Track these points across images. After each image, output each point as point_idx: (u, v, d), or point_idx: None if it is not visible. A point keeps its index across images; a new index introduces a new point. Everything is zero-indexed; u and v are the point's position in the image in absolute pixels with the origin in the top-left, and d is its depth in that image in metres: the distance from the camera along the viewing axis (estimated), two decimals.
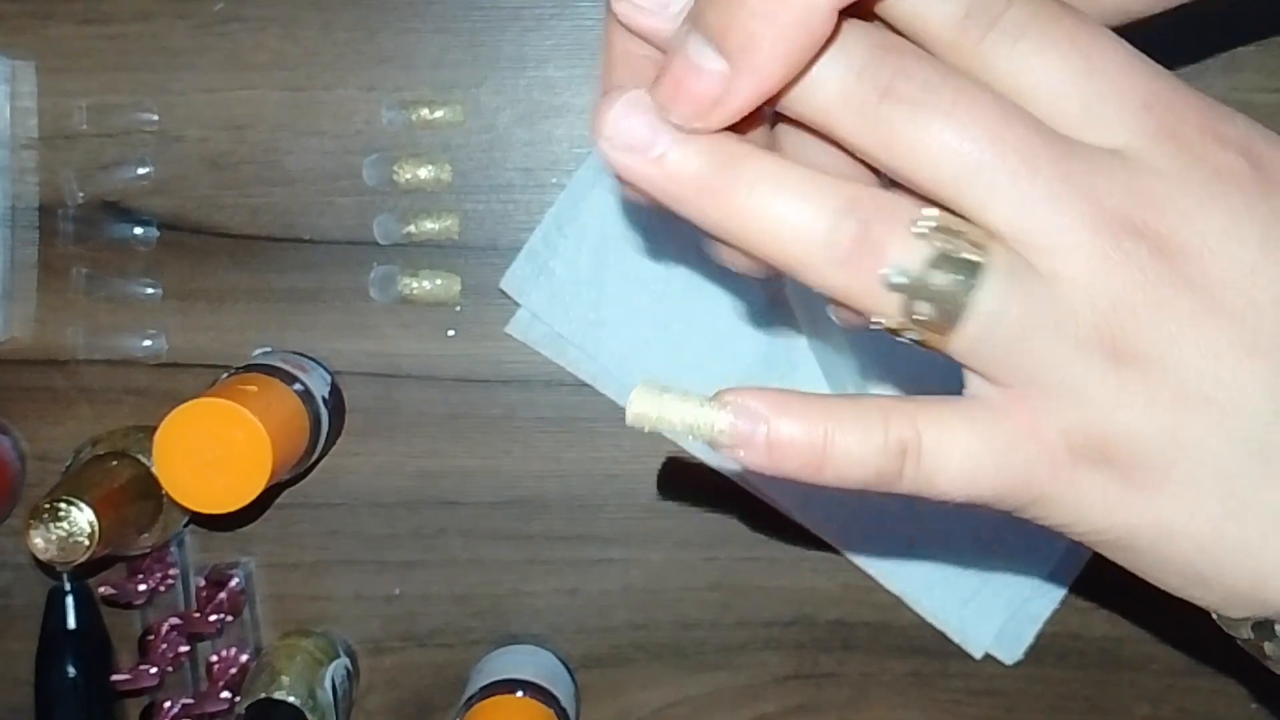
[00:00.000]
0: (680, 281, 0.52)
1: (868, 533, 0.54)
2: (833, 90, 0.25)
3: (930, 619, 0.54)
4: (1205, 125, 0.26)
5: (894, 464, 0.27)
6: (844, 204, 0.25)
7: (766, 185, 0.26)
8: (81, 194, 0.53)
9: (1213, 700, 0.55)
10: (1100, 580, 0.54)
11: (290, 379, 0.49)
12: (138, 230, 0.53)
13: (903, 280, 0.25)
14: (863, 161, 0.27)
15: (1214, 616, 0.28)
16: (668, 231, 0.52)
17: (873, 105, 0.25)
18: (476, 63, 0.52)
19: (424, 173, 0.52)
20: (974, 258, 0.25)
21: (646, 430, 0.26)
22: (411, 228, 0.53)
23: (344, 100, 0.52)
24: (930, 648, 0.55)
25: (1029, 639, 0.54)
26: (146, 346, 0.54)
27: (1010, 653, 0.54)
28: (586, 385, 0.53)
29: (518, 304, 0.53)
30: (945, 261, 0.25)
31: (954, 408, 0.27)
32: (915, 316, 0.26)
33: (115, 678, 0.52)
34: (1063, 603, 0.54)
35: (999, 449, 0.27)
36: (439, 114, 0.52)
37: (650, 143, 0.26)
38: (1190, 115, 0.26)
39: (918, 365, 0.35)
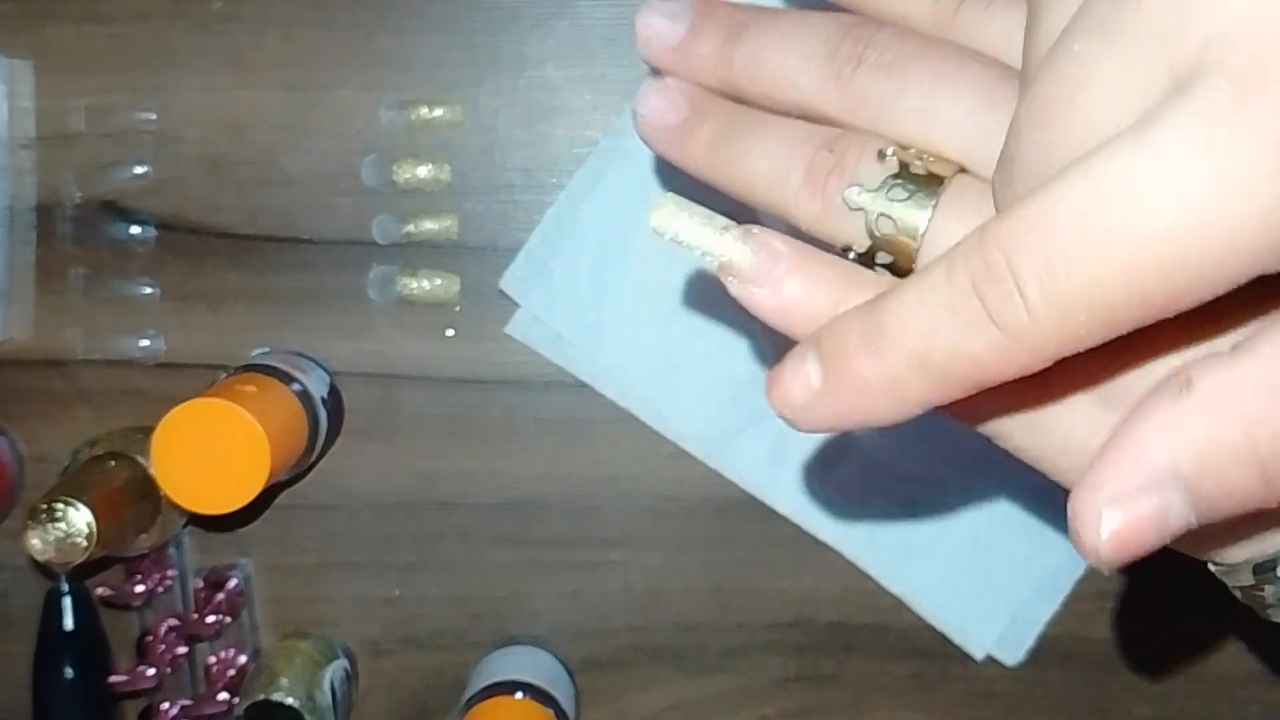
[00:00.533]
0: (680, 282, 0.52)
1: (868, 534, 0.53)
2: (810, 70, 0.29)
3: (931, 620, 0.54)
4: None
5: None
6: (823, 141, 0.29)
7: (762, 137, 0.29)
8: (79, 194, 0.53)
9: (1214, 702, 0.55)
10: (1101, 582, 0.54)
11: (289, 379, 0.49)
12: (136, 230, 0.53)
13: (864, 196, 0.27)
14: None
15: (1210, 568, 0.27)
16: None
17: (848, 75, 0.28)
18: (476, 63, 0.52)
19: (423, 173, 0.52)
20: (931, 175, 0.27)
21: (666, 240, 0.26)
22: (411, 228, 0.53)
23: (343, 100, 0.52)
24: (931, 650, 0.55)
25: (1030, 641, 0.54)
26: (145, 347, 0.53)
27: (1012, 654, 0.54)
28: (586, 386, 0.53)
29: (517, 304, 0.53)
30: (904, 180, 0.27)
31: None
32: (877, 234, 0.27)
33: (113, 679, 0.52)
34: (1064, 604, 0.54)
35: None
36: (438, 114, 0.52)
37: (668, 115, 0.31)
38: None
39: None
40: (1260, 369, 0.21)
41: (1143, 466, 0.21)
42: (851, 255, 0.28)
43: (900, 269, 0.28)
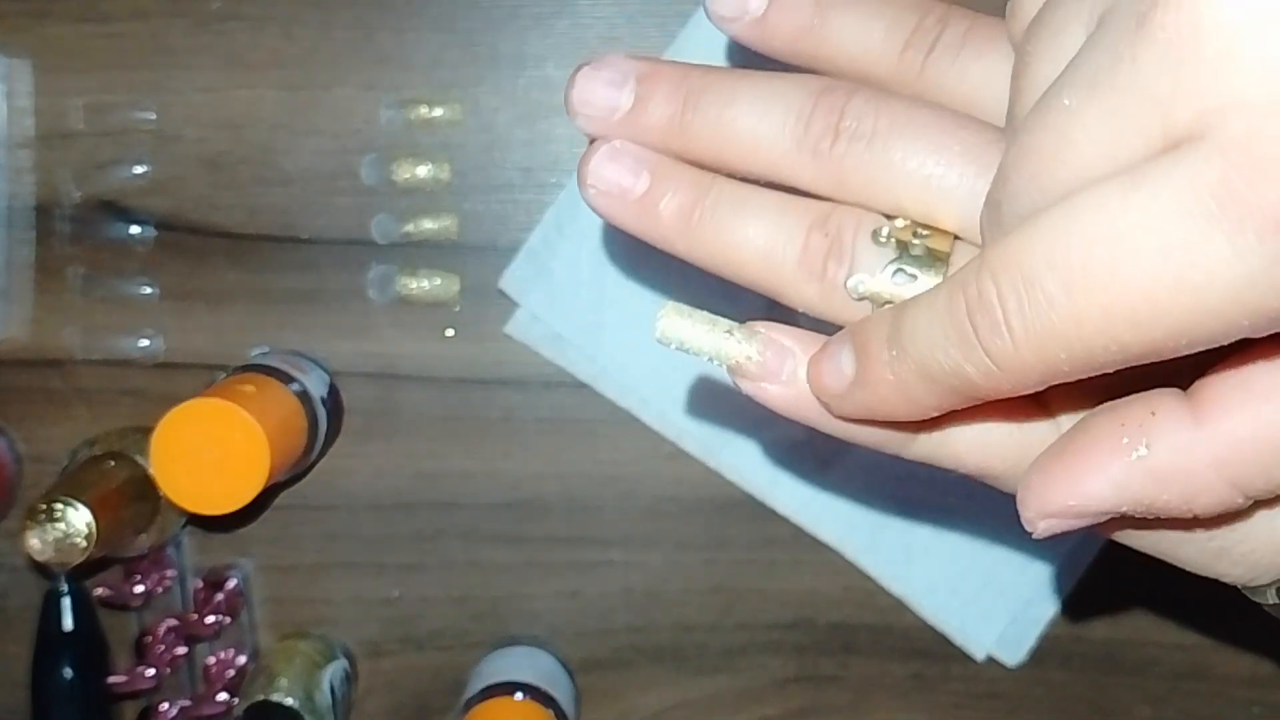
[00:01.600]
0: (680, 283, 0.52)
1: (869, 535, 0.53)
2: (782, 143, 0.27)
3: (932, 621, 0.54)
4: None
5: (910, 426, 0.27)
6: (814, 221, 0.27)
7: (742, 213, 0.28)
8: (78, 193, 0.53)
9: (1214, 703, 0.55)
10: (1102, 583, 0.54)
11: (288, 379, 0.49)
12: (135, 230, 0.53)
13: (868, 290, 0.27)
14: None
15: (1240, 588, 0.28)
16: None
17: (826, 149, 0.27)
18: (475, 62, 0.52)
19: (422, 172, 0.52)
20: (931, 251, 0.26)
21: (672, 349, 0.27)
22: (410, 227, 0.53)
23: (342, 99, 0.52)
24: (932, 650, 0.55)
25: (1031, 641, 0.54)
26: (143, 347, 0.53)
27: (1012, 655, 0.54)
28: (586, 386, 0.53)
29: (517, 304, 0.53)
30: (907, 267, 0.27)
31: None
32: None
33: (112, 680, 0.52)
34: (1064, 605, 0.54)
35: (1011, 428, 0.27)
36: (437, 113, 0.52)
37: (630, 187, 0.28)
38: None
39: None
40: (1215, 442, 0.22)
41: (1086, 499, 0.23)
42: None
43: None
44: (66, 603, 0.53)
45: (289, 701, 0.50)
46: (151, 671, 0.52)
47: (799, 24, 0.29)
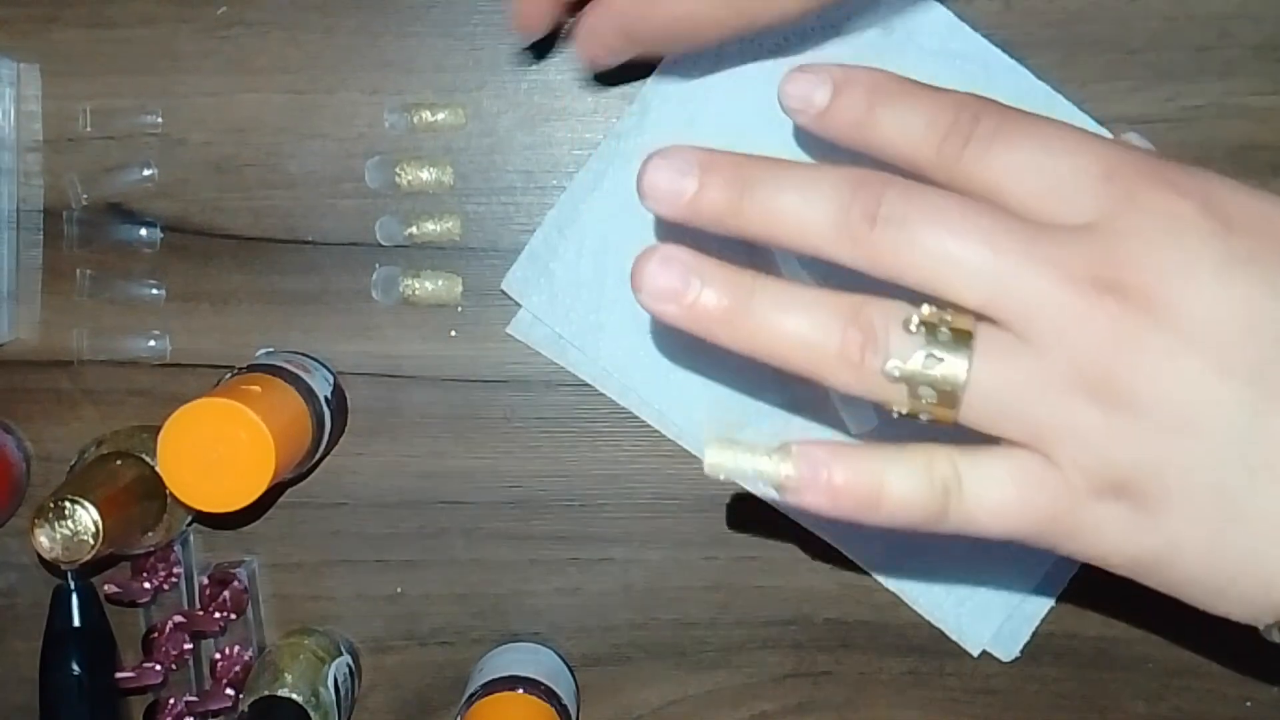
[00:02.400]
0: None
1: (865, 532, 0.54)
2: (826, 228, 0.30)
3: (928, 617, 0.55)
4: (1161, 181, 0.30)
5: (938, 502, 0.30)
6: (848, 315, 0.30)
7: (782, 310, 0.31)
8: (85, 197, 0.53)
9: (1207, 699, 0.56)
10: (1096, 580, 0.54)
11: (293, 379, 0.49)
12: (142, 232, 0.53)
13: (904, 373, 0.29)
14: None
15: (1260, 629, 0.30)
16: (667, 235, 0.52)
17: (864, 234, 0.30)
18: (478, 66, 0.53)
19: (425, 175, 0.53)
20: (956, 332, 0.29)
21: (722, 478, 0.30)
22: (413, 229, 0.53)
23: (346, 103, 0.53)
24: (928, 646, 0.55)
25: (1025, 638, 0.55)
26: (150, 347, 0.54)
27: (1007, 651, 0.55)
28: (587, 386, 0.54)
29: (518, 305, 0.53)
30: (936, 350, 0.29)
31: (989, 451, 0.31)
32: (921, 401, 0.30)
33: (119, 675, 0.52)
34: (1059, 602, 0.55)
35: (1026, 489, 0.30)
36: (440, 117, 0.53)
37: (681, 291, 0.31)
38: (1146, 176, 0.30)
39: None
40: None
41: None
42: (895, 414, 0.31)
43: (941, 422, 0.30)
44: (74, 600, 0.53)
45: (294, 697, 0.51)
46: (158, 667, 0.52)
47: (855, 118, 0.33)
